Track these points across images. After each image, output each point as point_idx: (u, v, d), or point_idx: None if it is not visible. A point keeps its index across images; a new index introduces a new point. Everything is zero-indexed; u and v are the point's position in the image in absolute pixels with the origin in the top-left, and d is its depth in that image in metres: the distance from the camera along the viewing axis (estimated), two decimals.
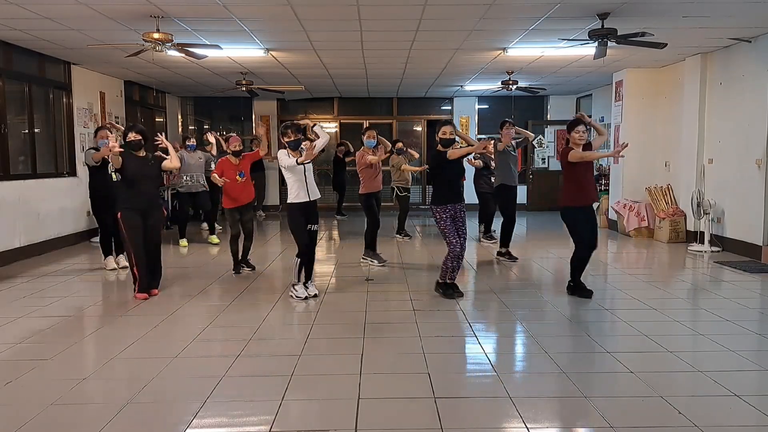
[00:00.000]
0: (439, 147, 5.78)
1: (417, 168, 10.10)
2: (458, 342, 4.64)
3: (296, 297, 5.78)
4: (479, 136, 14.35)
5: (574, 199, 5.75)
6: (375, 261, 7.51)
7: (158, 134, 6.26)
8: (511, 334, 4.97)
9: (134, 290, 5.86)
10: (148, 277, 5.88)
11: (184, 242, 9.29)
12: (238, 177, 6.97)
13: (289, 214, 5.75)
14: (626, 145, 6.00)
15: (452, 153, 5.68)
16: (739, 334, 4.72)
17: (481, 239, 9.36)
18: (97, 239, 9.41)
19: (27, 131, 8.59)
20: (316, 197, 5.76)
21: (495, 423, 3.26)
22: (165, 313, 5.32)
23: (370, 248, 7.57)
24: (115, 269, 7.21)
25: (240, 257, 7.09)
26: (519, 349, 4.62)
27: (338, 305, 5.65)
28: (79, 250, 8.88)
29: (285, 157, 5.64)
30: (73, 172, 9.56)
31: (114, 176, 6.99)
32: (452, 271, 5.82)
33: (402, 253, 8.30)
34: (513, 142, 7.93)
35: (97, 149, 7.00)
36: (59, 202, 8.97)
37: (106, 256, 7.31)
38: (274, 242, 9.91)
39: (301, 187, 5.64)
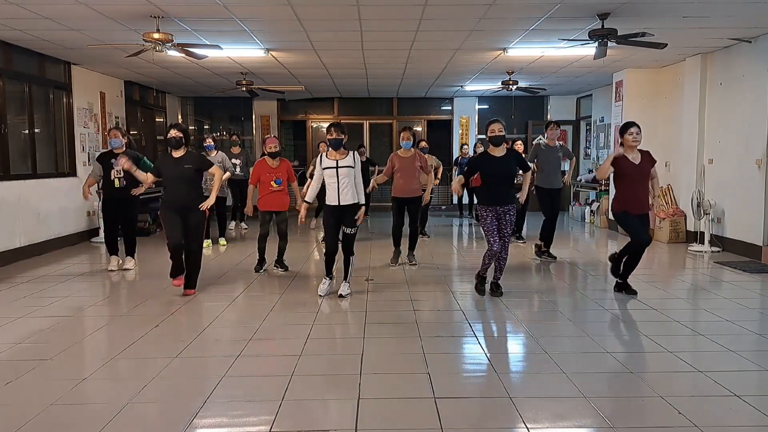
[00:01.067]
0: (491, 148, 5.70)
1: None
2: (458, 342, 4.64)
3: (318, 291, 5.91)
4: (480, 137, 14.36)
5: (622, 206, 5.74)
6: (392, 257, 7.53)
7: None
8: (511, 334, 4.97)
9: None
10: (180, 266, 5.88)
11: (222, 241, 9.33)
12: (273, 183, 6.82)
13: (324, 213, 5.93)
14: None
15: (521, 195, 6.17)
16: (739, 334, 4.73)
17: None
18: (97, 239, 9.44)
19: (27, 131, 8.59)
20: (348, 203, 5.69)
21: (495, 423, 3.25)
22: (165, 313, 5.32)
23: (395, 246, 7.57)
24: (114, 270, 7.15)
25: (276, 258, 7.12)
26: (519, 349, 4.61)
27: (338, 305, 5.65)
28: (80, 250, 8.88)
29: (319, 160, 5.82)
30: (73, 172, 9.56)
31: (117, 182, 6.97)
32: (495, 271, 5.88)
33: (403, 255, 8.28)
34: (558, 143, 7.86)
35: (109, 152, 7.07)
36: (59, 202, 8.97)
37: (111, 254, 7.26)
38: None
39: (332, 189, 5.67)
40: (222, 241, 9.37)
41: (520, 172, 6.06)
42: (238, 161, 10.13)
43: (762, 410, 3.30)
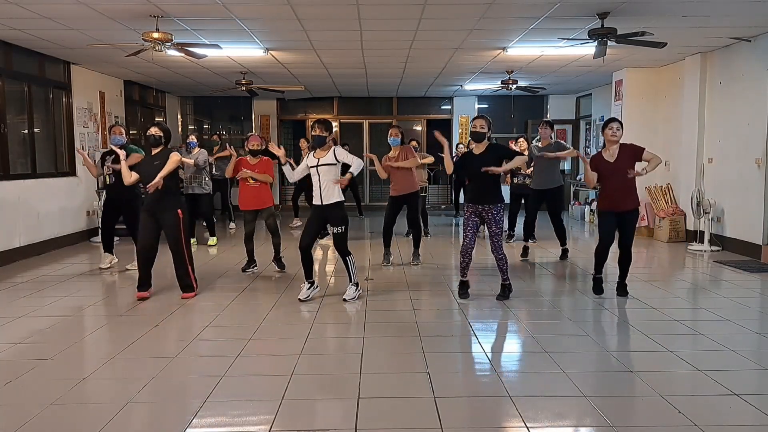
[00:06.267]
0: (473, 146, 5.73)
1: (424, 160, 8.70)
2: (458, 342, 4.65)
3: (299, 296, 5.81)
4: None
5: (606, 205, 5.74)
6: (383, 258, 7.54)
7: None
8: (511, 334, 4.97)
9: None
10: (145, 277, 5.84)
11: (212, 240, 9.23)
12: (250, 180, 6.90)
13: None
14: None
15: (517, 160, 5.74)
16: (739, 333, 4.73)
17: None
18: (96, 239, 9.44)
19: (27, 131, 8.59)
20: (329, 202, 5.57)
21: (495, 423, 3.26)
22: (165, 313, 5.32)
23: (384, 247, 7.58)
24: (106, 268, 7.19)
25: (273, 256, 7.13)
26: (519, 348, 4.62)
27: (338, 305, 5.64)
28: (79, 250, 8.88)
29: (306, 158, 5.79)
30: (72, 172, 9.56)
31: (107, 179, 7.03)
32: (501, 273, 5.78)
33: (402, 254, 8.29)
34: (553, 142, 7.91)
35: (110, 152, 7.03)
36: (59, 202, 8.97)
37: (105, 251, 7.33)
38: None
39: (315, 188, 5.64)
40: (212, 240, 9.22)
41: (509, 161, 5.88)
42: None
43: (762, 409, 3.30)
